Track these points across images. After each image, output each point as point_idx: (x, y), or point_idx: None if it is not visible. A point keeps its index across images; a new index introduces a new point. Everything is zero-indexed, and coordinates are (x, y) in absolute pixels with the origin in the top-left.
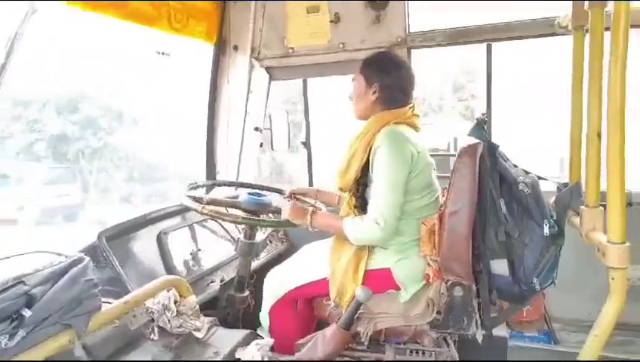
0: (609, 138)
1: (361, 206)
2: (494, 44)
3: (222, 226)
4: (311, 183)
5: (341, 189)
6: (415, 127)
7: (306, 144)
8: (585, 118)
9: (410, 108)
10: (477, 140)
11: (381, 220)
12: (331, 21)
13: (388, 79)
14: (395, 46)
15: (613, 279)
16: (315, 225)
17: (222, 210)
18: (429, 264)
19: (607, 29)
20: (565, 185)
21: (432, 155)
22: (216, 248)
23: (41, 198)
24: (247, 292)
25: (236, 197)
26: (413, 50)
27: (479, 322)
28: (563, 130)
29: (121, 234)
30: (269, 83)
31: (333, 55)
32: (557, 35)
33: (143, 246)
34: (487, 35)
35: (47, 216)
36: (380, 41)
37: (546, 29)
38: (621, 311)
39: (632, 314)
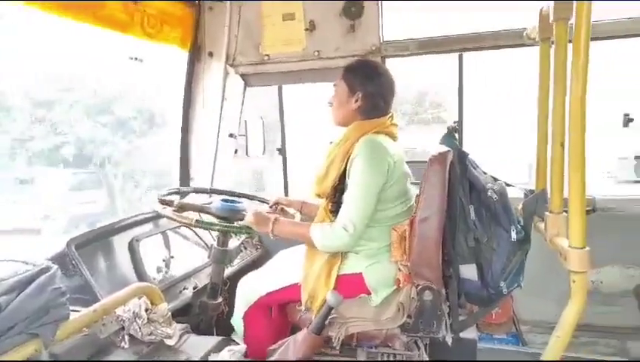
0: (570, 147)
1: (336, 210)
2: (466, 54)
3: (195, 233)
4: (286, 190)
5: (318, 196)
6: (393, 137)
7: (282, 150)
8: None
9: (389, 117)
10: (447, 148)
11: (350, 227)
12: (306, 29)
13: (371, 88)
14: (370, 54)
15: (574, 282)
16: (277, 232)
17: (190, 215)
18: (399, 269)
19: (571, 41)
20: (532, 191)
21: (412, 162)
22: (189, 255)
23: (65, 205)
24: (220, 299)
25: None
26: (387, 59)
27: (449, 325)
28: (532, 137)
29: (91, 242)
30: (244, 89)
31: (308, 63)
32: (526, 45)
33: (114, 253)
34: (458, 45)
35: (73, 225)
36: (355, 49)
37: (515, 40)
38: (582, 312)
39: (596, 315)
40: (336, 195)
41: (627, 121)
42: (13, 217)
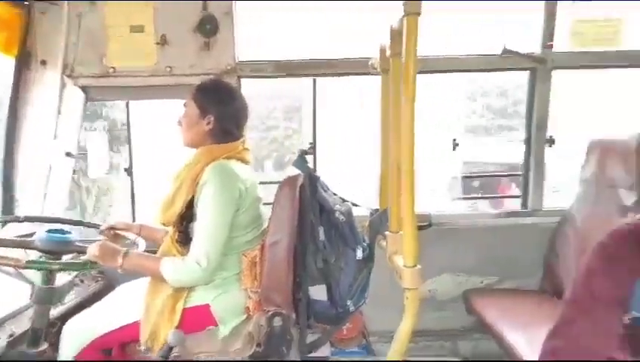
0: (402, 170)
1: (183, 241)
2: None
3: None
4: (134, 214)
5: (163, 224)
6: (245, 161)
7: (129, 171)
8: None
9: (241, 142)
10: (299, 171)
11: (203, 260)
12: (157, 43)
13: (224, 111)
14: (225, 74)
15: (407, 298)
16: (126, 266)
17: (9, 252)
18: (250, 296)
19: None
20: (377, 210)
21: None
22: (6, 296)
23: None
24: (44, 346)
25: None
26: (243, 80)
27: (298, 348)
28: None
29: None
30: (85, 104)
31: (159, 78)
32: (372, 74)
33: None
34: (313, 69)
35: None
36: (210, 67)
37: (362, 68)
38: (416, 324)
39: (432, 320)
40: (183, 224)
41: (455, 145)
42: None
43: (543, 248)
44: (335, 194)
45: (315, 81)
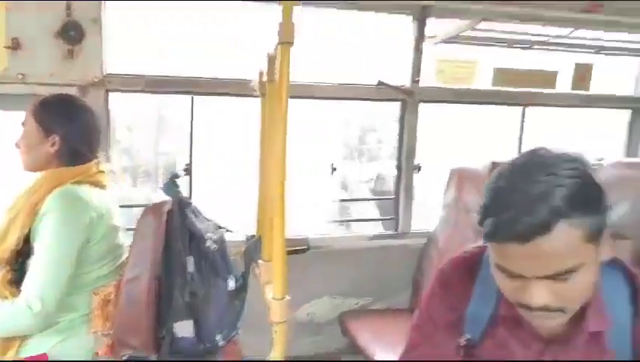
0: (273, 195)
1: (18, 282)
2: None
3: None
4: None
5: None
6: (101, 186)
7: None
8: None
9: (95, 163)
10: (168, 197)
11: (37, 304)
12: (7, 47)
13: (71, 130)
14: (92, 86)
15: (275, 332)
16: None
17: None
18: (100, 340)
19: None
20: (253, 237)
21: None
22: None
23: None
24: None
25: None
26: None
27: None
28: None
29: None
30: None
31: (9, 86)
32: (253, 96)
33: None
34: (189, 87)
35: None
36: (74, 78)
37: (243, 89)
38: (290, 350)
39: (310, 344)
40: (18, 261)
41: (333, 170)
42: None
43: (413, 268)
44: (209, 220)
45: (192, 99)
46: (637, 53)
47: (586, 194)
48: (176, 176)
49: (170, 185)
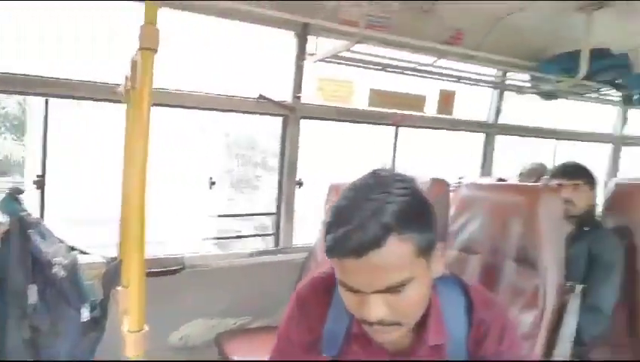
0: (130, 213)
1: None
2: None
3: None
4: None
5: None
6: None
7: None
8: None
9: None
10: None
11: None
12: None
13: None
14: None
15: None
16: None
17: None
18: None
19: (155, 104)
20: (114, 259)
21: None
22: None
23: None
24: None
25: None
26: None
27: None
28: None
29: None
30: None
31: None
32: (119, 102)
33: None
34: (44, 88)
35: None
36: None
37: (107, 94)
38: None
39: None
40: None
41: (211, 184)
42: None
43: (294, 283)
44: (61, 242)
45: (47, 101)
46: (489, 85)
47: (415, 211)
48: (18, 191)
49: (8, 202)
